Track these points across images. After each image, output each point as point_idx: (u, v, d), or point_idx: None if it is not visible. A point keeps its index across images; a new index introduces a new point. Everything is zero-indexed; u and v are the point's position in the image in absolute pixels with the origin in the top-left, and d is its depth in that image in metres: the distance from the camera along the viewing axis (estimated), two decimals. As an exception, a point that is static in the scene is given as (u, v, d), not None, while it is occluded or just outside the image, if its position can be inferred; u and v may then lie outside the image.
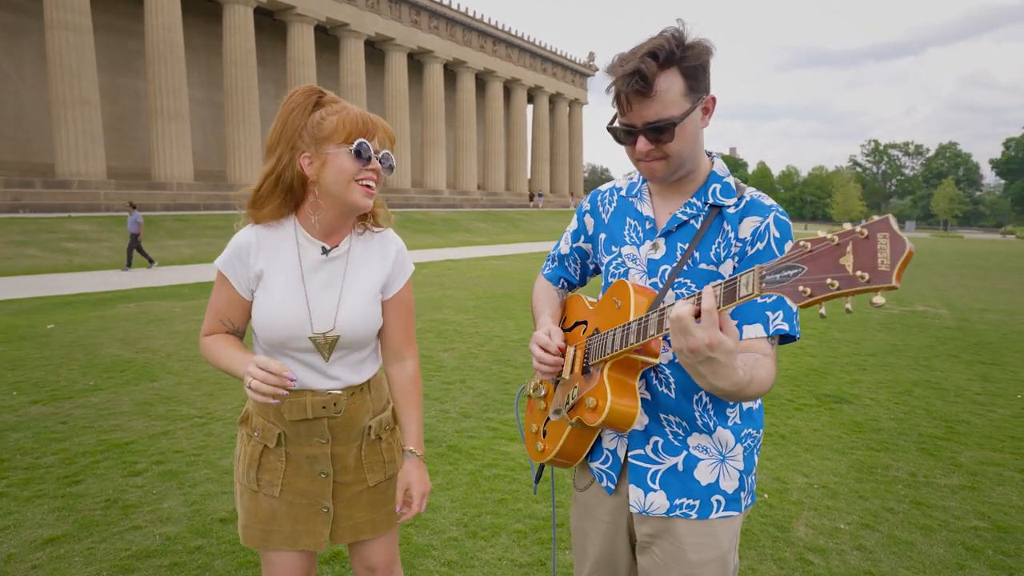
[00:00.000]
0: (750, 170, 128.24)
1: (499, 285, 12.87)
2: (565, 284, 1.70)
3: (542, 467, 1.69)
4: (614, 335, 1.27)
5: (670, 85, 1.23)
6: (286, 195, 1.43)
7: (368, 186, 1.41)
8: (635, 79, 1.22)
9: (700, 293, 1.06)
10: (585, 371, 1.37)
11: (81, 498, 3.23)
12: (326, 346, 1.48)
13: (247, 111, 29.44)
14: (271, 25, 34.27)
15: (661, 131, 1.25)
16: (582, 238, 1.60)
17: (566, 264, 1.66)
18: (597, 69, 61.36)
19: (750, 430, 1.40)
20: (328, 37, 36.64)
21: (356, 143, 1.38)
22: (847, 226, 0.87)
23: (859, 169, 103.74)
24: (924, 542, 2.97)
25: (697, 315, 1.04)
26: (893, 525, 3.13)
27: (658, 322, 1.16)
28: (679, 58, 1.23)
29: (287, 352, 1.48)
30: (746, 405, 1.41)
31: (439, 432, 4.27)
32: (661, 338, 1.21)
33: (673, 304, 1.11)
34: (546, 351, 1.43)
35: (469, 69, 44.35)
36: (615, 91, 1.26)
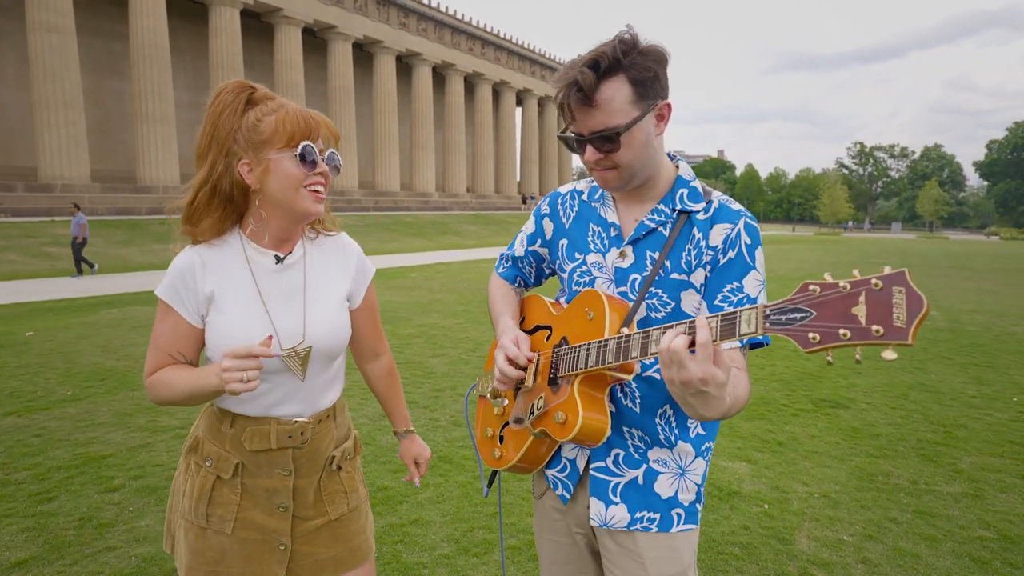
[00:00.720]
0: (738, 172, 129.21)
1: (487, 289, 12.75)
2: (521, 283, 1.63)
3: (495, 473, 1.62)
4: (588, 350, 1.22)
5: (614, 93, 1.19)
6: (226, 206, 1.29)
7: (317, 191, 1.30)
8: (573, 89, 1.18)
9: (694, 324, 1.01)
10: (552, 382, 1.31)
11: (53, 517, 3.08)
12: (298, 362, 1.36)
13: (234, 114, 29.15)
14: (258, 27, 34.02)
15: (607, 140, 1.21)
16: (539, 242, 1.53)
17: (520, 266, 1.60)
18: (586, 72, 61.45)
19: (709, 442, 1.38)
20: (316, 39, 36.44)
21: (301, 147, 1.25)
22: (856, 274, 0.86)
23: (845, 171, 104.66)
24: (930, 554, 2.89)
25: (690, 345, 1.00)
26: (897, 536, 3.05)
27: (641, 344, 1.12)
28: (625, 66, 1.18)
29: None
30: None
31: (428, 442, 4.14)
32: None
33: (662, 331, 1.08)
34: (514, 364, 1.35)
35: (458, 72, 44.28)
36: (559, 102, 1.23)
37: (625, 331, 1.19)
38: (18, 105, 26.60)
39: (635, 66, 1.18)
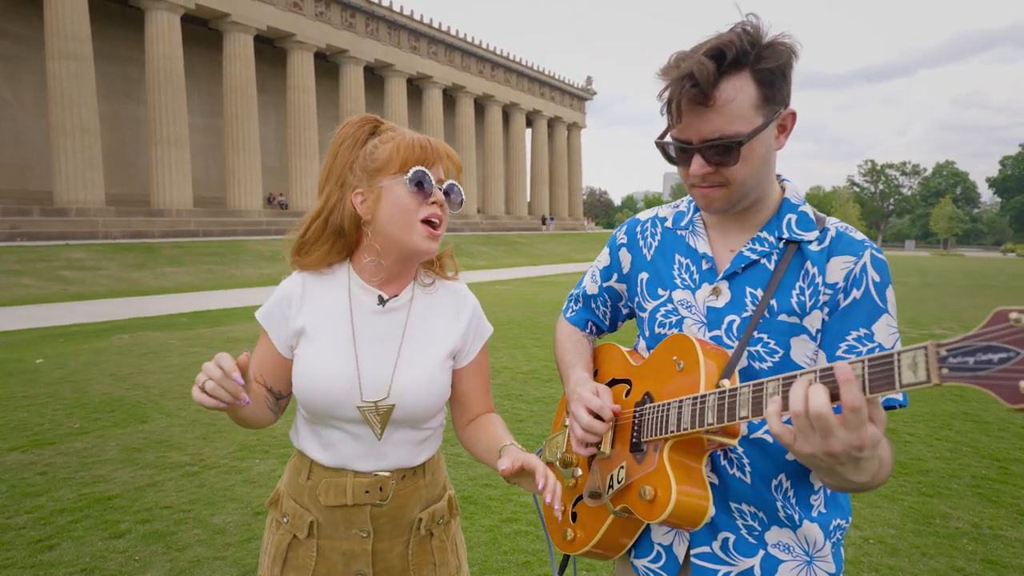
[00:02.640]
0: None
1: (503, 312, 12.55)
2: (593, 328, 1.41)
3: (567, 558, 1.38)
4: (681, 409, 0.99)
5: (737, 93, 0.97)
6: (336, 239, 1.22)
7: (432, 224, 1.17)
8: (686, 84, 0.95)
9: (831, 372, 0.77)
10: (635, 448, 1.08)
11: (54, 568, 2.87)
12: (378, 419, 1.20)
13: (247, 137, 29.43)
14: (271, 52, 34.44)
15: (723, 151, 0.99)
16: (615, 276, 1.32)
17: (593, 306, 1.38)
18: (595, 93, 61.84)
19: (839, 520, 1.12)
20: (328, 63, 36.82)
21: (412, 171, 1.16)
22: None
23: (857, 189, 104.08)
24: (1008, 611, 2.62)
25: (833, 399, 0.77)
26: (969, 590, 2.79)
27: (752, 401, 0.88)
28: (752, 59, 0.97)
29: (331, 423, 1.20)
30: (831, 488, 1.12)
31: (451, 480, 3.92)
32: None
33: (780, 382, 0.83)
34: (598, 417, 1.12)
35: (468, 94, 44.58)
36: (667, 98, 1.00)
37: (726, 383, 0.98)
38: (36, 131, 26.93)
39: (763, 62, 0.97)
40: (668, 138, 1.05)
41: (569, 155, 59.48)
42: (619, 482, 1.08)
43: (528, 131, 54.81)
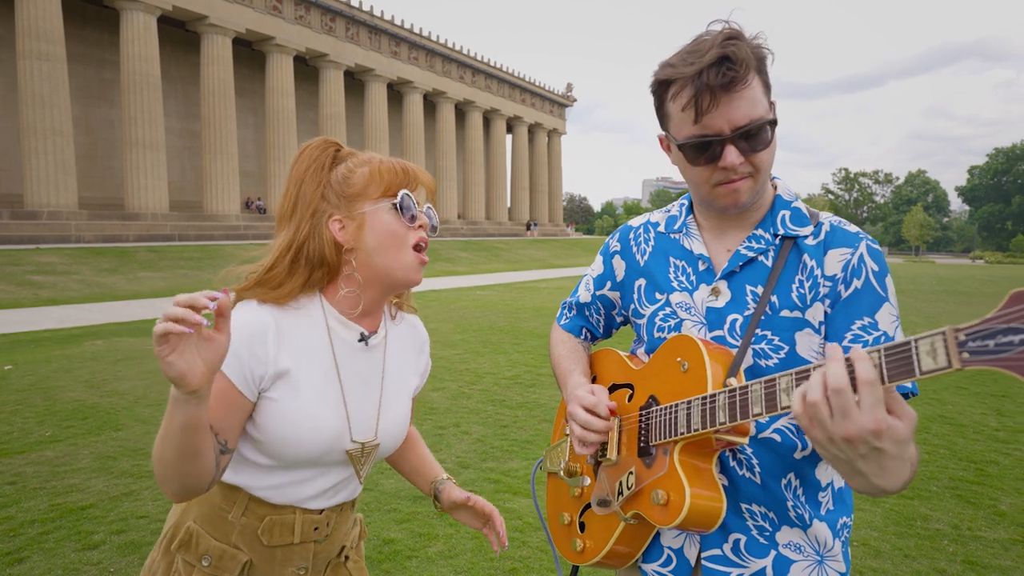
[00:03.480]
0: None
1: (485, 317, 12.51)
2: (588, 335, 1.40)
3: (576, 569, 1.36)
4: (690, 409, 0.97)
5: (753, 79, 0.99)
6: (313, 271, 1.10)
7: (419, 249, 1.13)
8: (724, 67, 0.95)
9: (850, 358, 0.76)
10: (643, 452, 1.06)
11: (25, 581, 2.78)
12: (362, 459, 1.16)
13: (225, 141, 29.09)
14: (249, 55, 34.11)
15: (756, 136, 0.99)
16: (608, 284, 1.31)
17: (587, 314, 1.37)
18: (575, 100, 62.20)
19: (845, 518, 1.11)
20: (308, 67, 36.56)
21: (400, 195, 1.11)
22: None
23: (831, 197, 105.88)
24: (989, 612, 2.66)
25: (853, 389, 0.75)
26: (951, 591, 2.82)
27: (765, 396, 0.86)
28: (752, 46, 0.99)
29: (304, 467, 1.12)
30: (837, 484, 1.12)
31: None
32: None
33: (793, 377, 0.83)
34: (594, 414, 1.11)
35: (449, 99, 44.55)
36: (692, 92, 0.98)
37: (733, 382, 0.96)
38: (6, 132, 26.33)
39: (756, 49, 0.98)
40: (691, 137, 1.02)
41: (549, 161, 59.71)
42: (629, 488, 1.06)
43: (508, 137, 54.93)
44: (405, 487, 3.79)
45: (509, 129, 54.71)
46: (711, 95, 0.96)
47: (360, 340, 1.15)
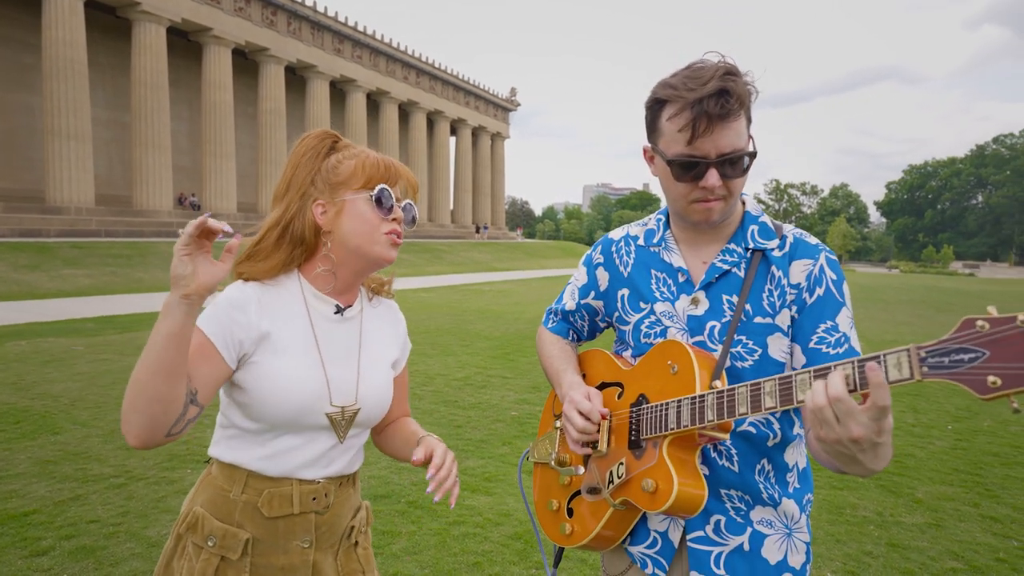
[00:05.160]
0: (663, 205, 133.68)
1: (431, 319, 12.53)
2: (574, 337, 1.53)
3: (561, 550, 1.48)
4: (680, 408, 1.11)
5: (742, 114, 1.13)
6: (295, 248, 1.22)
7: (394, 235, 1.22)
8: (723, 99, 1.08)
9: (825, 372, 0.92)
10: (634, 445, 1.19)
11: (-28, 588, 2.67)
12: (343, 424, 1.23)
13: (157, 134, 27.92)
14: (185, 46, 32.81)
15: (736, 164, 1.13)
16: (592, 294, 1.43)
17: (572, 320, 1.50)
18: (519, 104, 62.71)
19: (808, 495, 1.28)
20: (247, 61, 35.47)
21: (377, 189, 1.21)
22: None
23: (763, 206, 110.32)
24: (910, 588, 2.93)
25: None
26: (877, 571, 3.08)
27: (751, 399, 1.01)
28: (743, 85, 1.13)
29: (289, 431, 1.19)
30: (802, 465, 1.29)
31: (396, 486, 3.92)
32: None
33: (786, 380, 0.97)
34: (587, 419, 1.24)
35: (392, 100, 44.15)
36: (690, 116, 1.11)
37: (718, 384, 1.10)
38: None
39: (746, 87, 1.12)
40: (678, 155, 1.15)
41: (492, 164, 59.95)
42: (619, 477, 1.17)
43: (452, 139, 54.86)
44: (366, 485, 3.82)
45: (453, 131, 54.65)
46: (707, 121, 1.09)
47: (336, 312, 1.25)
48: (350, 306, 1.28)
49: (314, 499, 1.21)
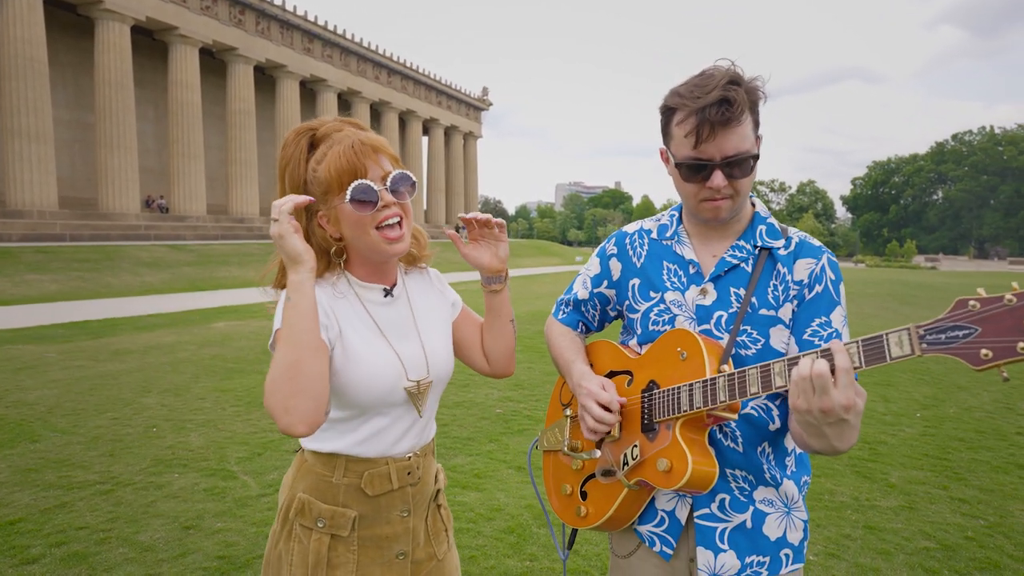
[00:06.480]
0: (635, 203, 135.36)
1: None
2: (583, 328, 1.60)
3: (574, 532, 1.55)
4: (692, 391, 1.19)
5: (746, 118, 1.21)
6: (325, 257, 1.28)
7: (389, 228, 1.22)
8: (724, 107, 1.17)
9: (830, 349, 1.01)
10: (647, 428, 1.27)
11: (-37, 597, 2.65)
12: (420, 396, 1.31)
13: (123, 135, 27.28)
14: (151, 45, 32.10)
15: (741, 166, 1.22)
16: (605, 283, 1.51)
17: (583, 310, 1.56)
18: (491, 104, 62.72)
19: (806, 477, 1.38)
20: (215, 60, 34.85)
21: (350, 189, 1.17)
22: (1015, 286, 0.86)
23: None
24: (887, 568, 3.07)
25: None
26: (855, 553, 3.22)
27: (761, 378, 1.10)
28: (748, 90, 1.21)
29: (376, 413, 1.27)
30: (799, 450, 1.38)
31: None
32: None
33: (786, 363, 1.07)
34: (607, 410, 1.31)
35: (364, 99, 43.80)
36: (695, 123, 1.20)
37: (726, 368, 1.18)
38: None
39: (751, 93, 1.20)
40: (686, 158, 1.24)
41: (465, 164, 59.88)
42: (634, 459, 1.25)
43: (424, 139, 54.66)
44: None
45: (425, 131, 54.43)
46: (710, 128, 1.18)
47: (385, 296, 1.31)
48: (395, 285, 1.34)
49: (408, 473, 1.30)
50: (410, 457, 1.31)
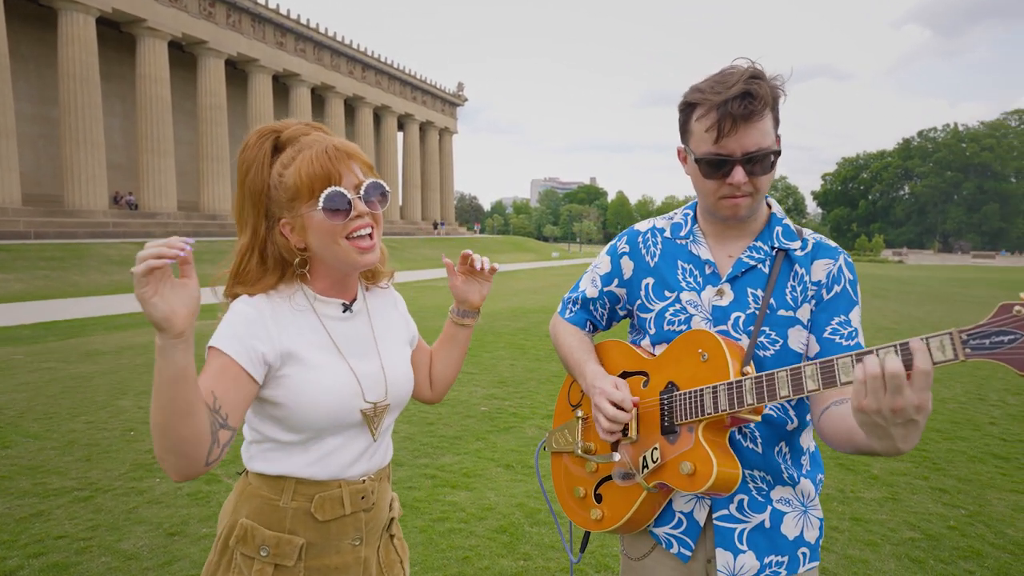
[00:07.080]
0: (610, 198, 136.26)
1: (390, 316, 12.39)
2: (591, 327, 1.57)
3: (587, 535, 1.53)
4: (716, 393, 1.17)
5: (767, 115, 1.20)
6: (284, 267, 1.21)
7: (360, 239, 1.16)
8: (746, 101, 1.15)
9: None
10: (667, 431, 1.25)
11: (-62, 612, 2.54)
12: (375, 418, 1.24)
13: (89, 130, 26.57)
14: (118, 37, 31.29)
15: (761, 162, 1.21)
16: (615, 281, 1.48)
17: (592, 308, 1.54)
18: (466, 99, 62.48)
19: (820, 475, 1.38)
20: (185, 54, 34.10)
21: (323, 197, 1.12)
22: None
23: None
24: (875, 558, 3.12)
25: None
26: (844, 544, 3.27)
27: (791, 381, 1.08)
28: (770, 86, 1.20)
29: (329, 434, 1.20)
30: (812, 449, 1.39)
31: (375, 485, 3.90)
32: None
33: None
34: (621, 408, 1.29)
35: (338, 94, 43.32)
36: (716, 117, 1.19)
37: (749, 370, 1.17)
38: None
39: (773, 89, 1.19)
40: (706, 154, 1.22)
41: (441, 159, 59.60)
42: (654, 462, 1.23)
43: (400, 135, 54.24)
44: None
45: (400, 127, 54.02)
46: (732, 122, 1.16)
47: (344, 311, 1.25)
48: (354, 300, 1.28)
49: (363, 498, 1.23)
50: (364, 480, 1.24)
